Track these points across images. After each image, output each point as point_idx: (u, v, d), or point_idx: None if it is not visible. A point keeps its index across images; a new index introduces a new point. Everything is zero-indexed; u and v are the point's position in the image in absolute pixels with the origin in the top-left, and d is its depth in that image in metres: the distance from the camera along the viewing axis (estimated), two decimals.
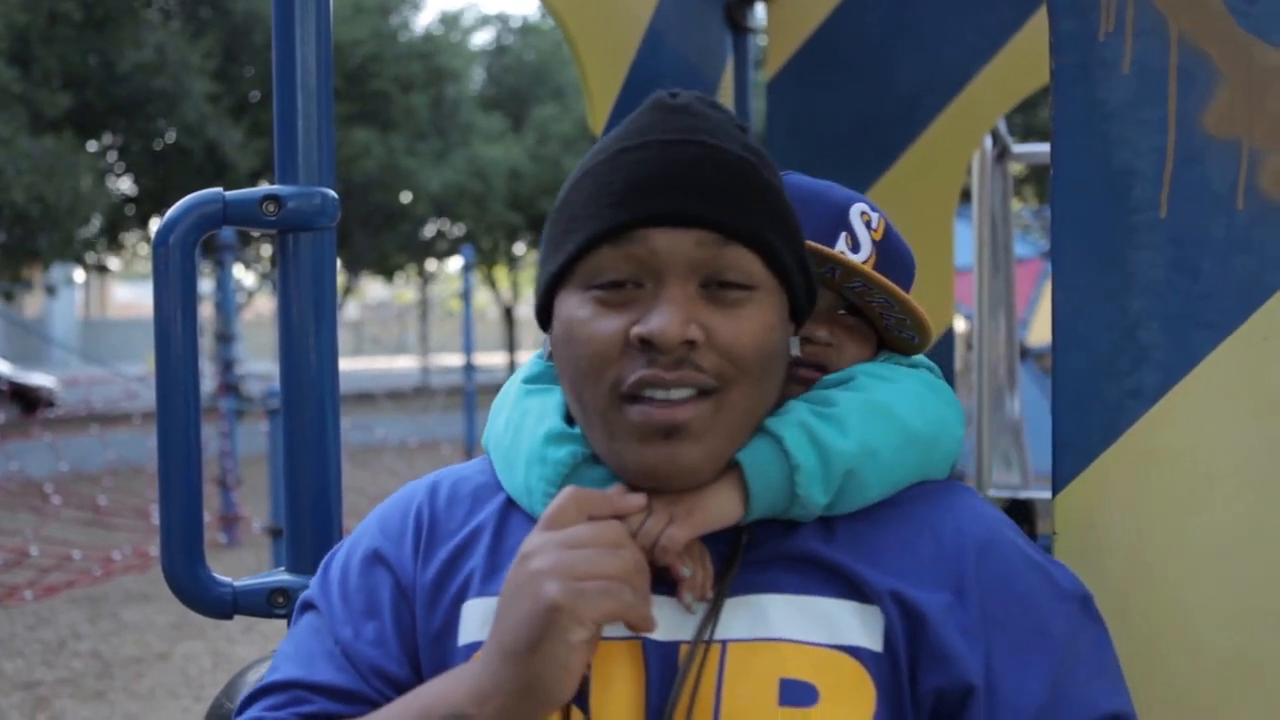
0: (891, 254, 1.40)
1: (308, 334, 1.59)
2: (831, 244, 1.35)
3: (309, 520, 1.61)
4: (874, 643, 1.13)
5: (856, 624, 1.14)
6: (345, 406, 1.61)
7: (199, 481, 1.60)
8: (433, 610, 1.22)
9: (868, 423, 1.20)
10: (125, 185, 21.33)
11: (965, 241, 3.92)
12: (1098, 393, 1.33)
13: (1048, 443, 1.38)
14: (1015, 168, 3.82)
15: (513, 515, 1.25)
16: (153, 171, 20.22)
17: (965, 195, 3.88)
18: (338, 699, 1.19)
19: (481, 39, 27.45)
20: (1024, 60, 2.65)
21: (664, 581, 1.16)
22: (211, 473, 9.51)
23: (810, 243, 1.29)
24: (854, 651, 1.13)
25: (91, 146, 19.06)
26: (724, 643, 1.13)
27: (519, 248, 28.94)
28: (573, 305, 1.16)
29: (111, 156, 20.21)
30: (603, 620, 1.05)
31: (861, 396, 1.23)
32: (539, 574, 1.06)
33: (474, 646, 1.18)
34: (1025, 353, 8.33)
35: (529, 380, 1.31)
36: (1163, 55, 1.29)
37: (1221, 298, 1.29)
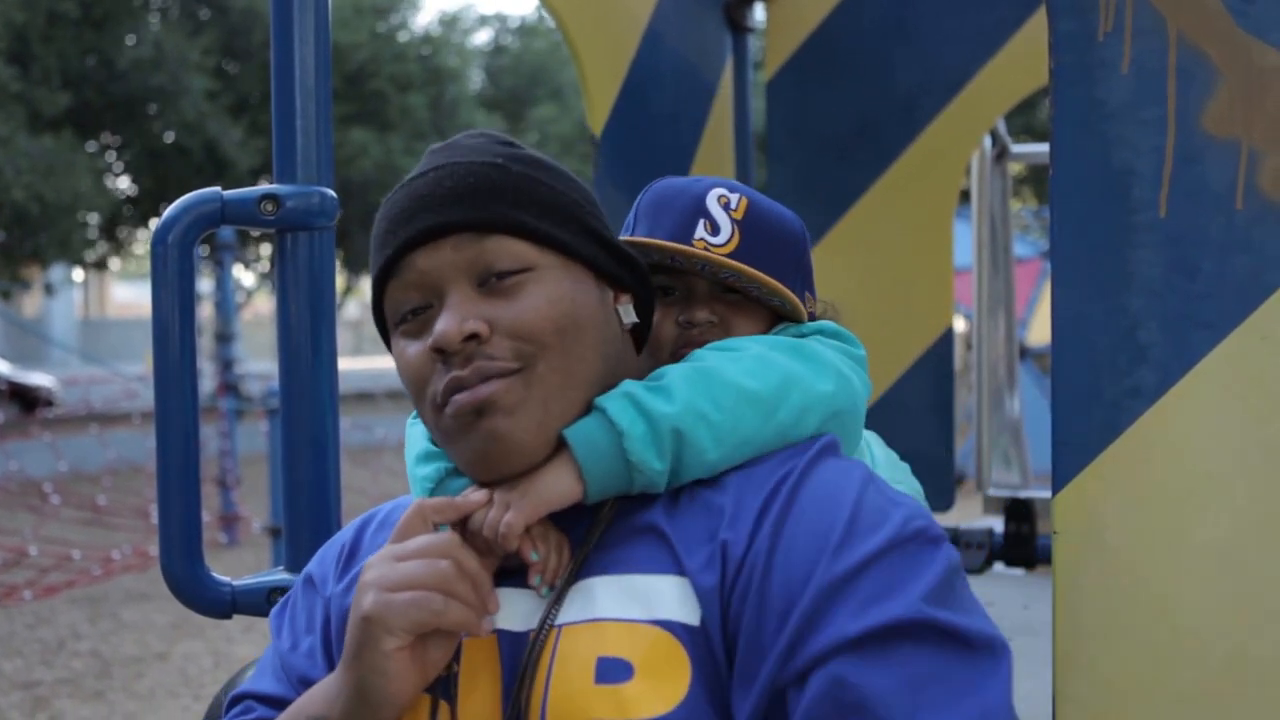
0: (759, 228, 1.45)
1: (306, 333, 1.59)
2: (690, 233, 1.42)
3: (308, 520, 1.61)
4: (690, 616, 1.14)
5: (675, 597, 1.15)
6: (345, 406, 1.61)
7: (198, 481, 1.60)
8: (343, 618, 1.29)
9: (696, 387, 1.22)
10: (124, 184, 21.33)
11: (964, 241, 3.93)
12: (1097, 392, 1.33)
13: (1047, 442, 1.38)
14: (1014, 167, 3.82)
15: None
16: (152, 170, 20.22)
17: (964, 195, 3.89)
18: (273, 706, 1.30)
19: (480, 39, 27.41)
20: (1023, 60, 2.65)
21: (517, 574, 1.21)
22: (211, 472, 9.51)
23: (662, 242, 1.39)
24: (668, 625, 1.14)
25: (91, 146, 19.05)
26: (560, 627, 1.16)
27: None
28: (395, 345, 1.26)
29: (110, 156, 20.21)
30: (411, 629, 1.13)
31: (689, 366, 1.26)
32: (363, 586, 1.15)
33: None
34: (1025, 352, 8.34)
35: (415, 415, 1.39)
36: (1162, 55, 1.29)
37: (1220, 297, 1.29)
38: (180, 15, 19.55)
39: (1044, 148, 3.67)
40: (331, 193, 1.60)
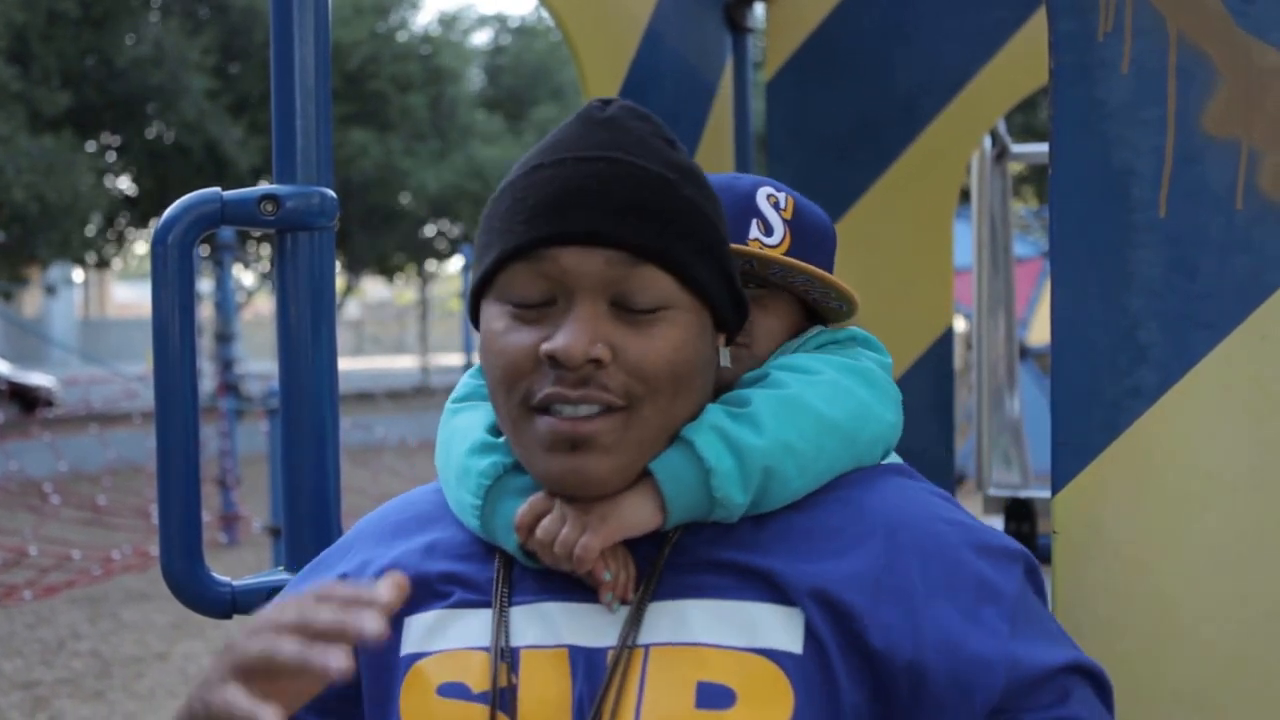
0: (806, 229, 1.42)
1: (307, 334, 1.59)
2: (744, 233, 1.37)
3: (308, 520, 1.61)
4: (793, 645, 1.13)
5: (777, 626, 1.14)
6: (345, 406, 1.61)
7: (198, 481, 1.60)
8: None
9: (782, 418, 1.20)
10: (124, 184, 21.33)
11: (965, 241, 3.93)
12: (1097, 392, 1.33)
13: (1047, 442, 1.38)
14: (1014, 167, 3.82)
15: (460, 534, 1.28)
16: (152, 170, 20.22)
17: (964, 195, 3.88)
18: None
19: (480, 39, 27.41)
20: (1023, 60, 2.65)
21: (580, 589, 1.17)
22: (211, 472, 9.51)
23: (738, 246, 1.32)
24: (771, 654, 1.12)
25: (90, 146, 19.05)
26: (646, 647, 1.14)
27: None
28: (492, 316, 1.18)
29: (111, 156, 20.21)
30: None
31: (775, 393, 1.23)
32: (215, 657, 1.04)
33: (411, 658, 1.20)
34: (1025, 352, 8.34)
35: (457, 400, 1.34)
36: (1161, 55, 1.29)
37: (1220, 297, 1.29)
38: (180, 14, 19.55)
39: (1044, 147, 3.67)
40: (331, 193, 1.60)
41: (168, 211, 1.56)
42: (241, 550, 9.45)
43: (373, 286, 43.34)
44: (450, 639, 1.20)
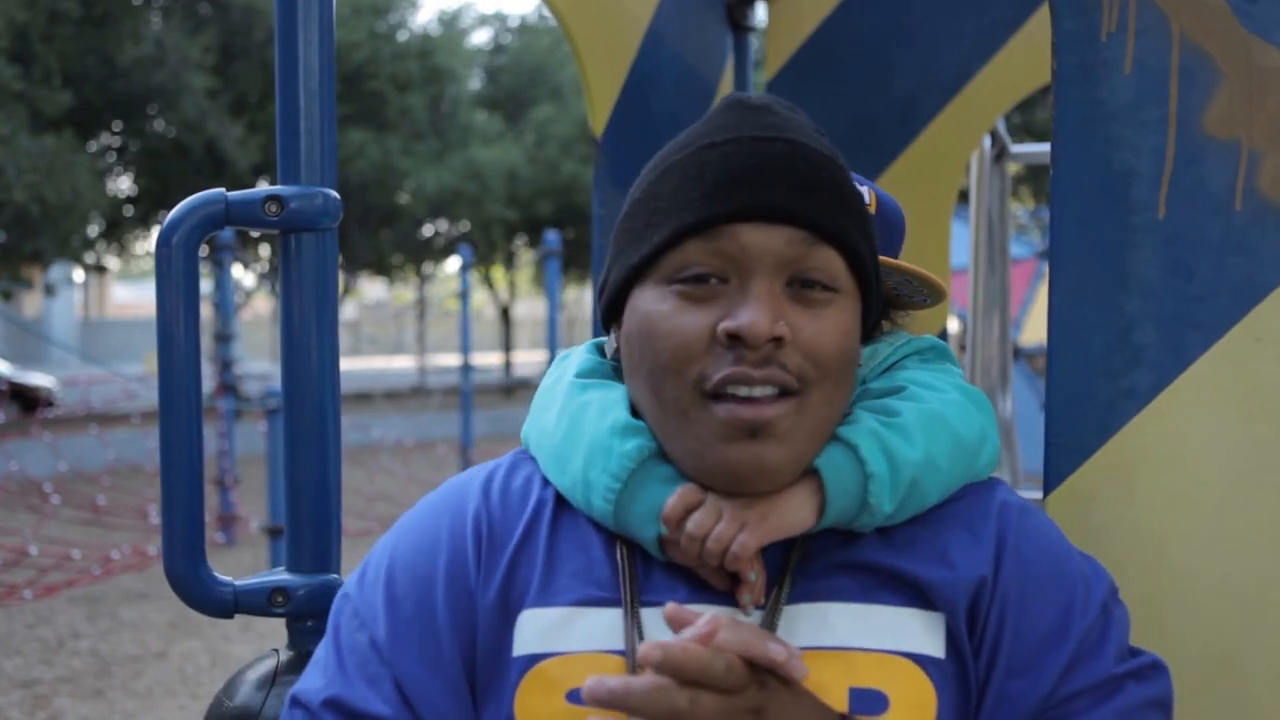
0: (890, 223, 1.42)
1: (309, 334, 1.59)
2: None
3: (310, 520, 1.61)
4: (936, 649, 1.13)
5: (919, 630, 1.13)
6: (342, 406, 1.61)
7: (200, 482, 1.60)
8: (494, 623, 1.17)
9: (929, 433, 1.20)
10: (125, 184, 21.31)
11: (961, 242, 3.93)
12: (1091, 392, 1.33)
13: (1037, 443, 1.38)
14: (1012, 168, 3.82)
15: (563, 515, 1.22)
16: (152, 170, 20.20)
17: (963, 195, 3.89)
18: None
19: (479, 39, 27.37)
20: (1023, 60, 2.65)
21: (709, 590, 1.15)
22: (210, 472, 9.50)
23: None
24: (917, 658, 1.12)
25: (91, 147, 19.03)
26: None
27: (516, 246, 28.91)
28: (652, 299, 1.14)
29: (111, 156, 20.19)
30: None
31: (921, 406, 1.22)
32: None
33: (530, 659, 1.14)
34: (1017, 353, 8.32)
35: (583, 374, 1.27)
36: (1164, 55, 1.30)
37: (1215, 299, 1.29)
38: (181, 13, 19.54)
39: (1044, 148, 3.67)
40: (335, 194, 1.60)
41: (173, 212, 1.56)
42: (239, 550, 9.44)
43: (370, 287, 43.32)
44: (575, 640, 1.14)
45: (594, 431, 1.19)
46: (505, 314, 30.62)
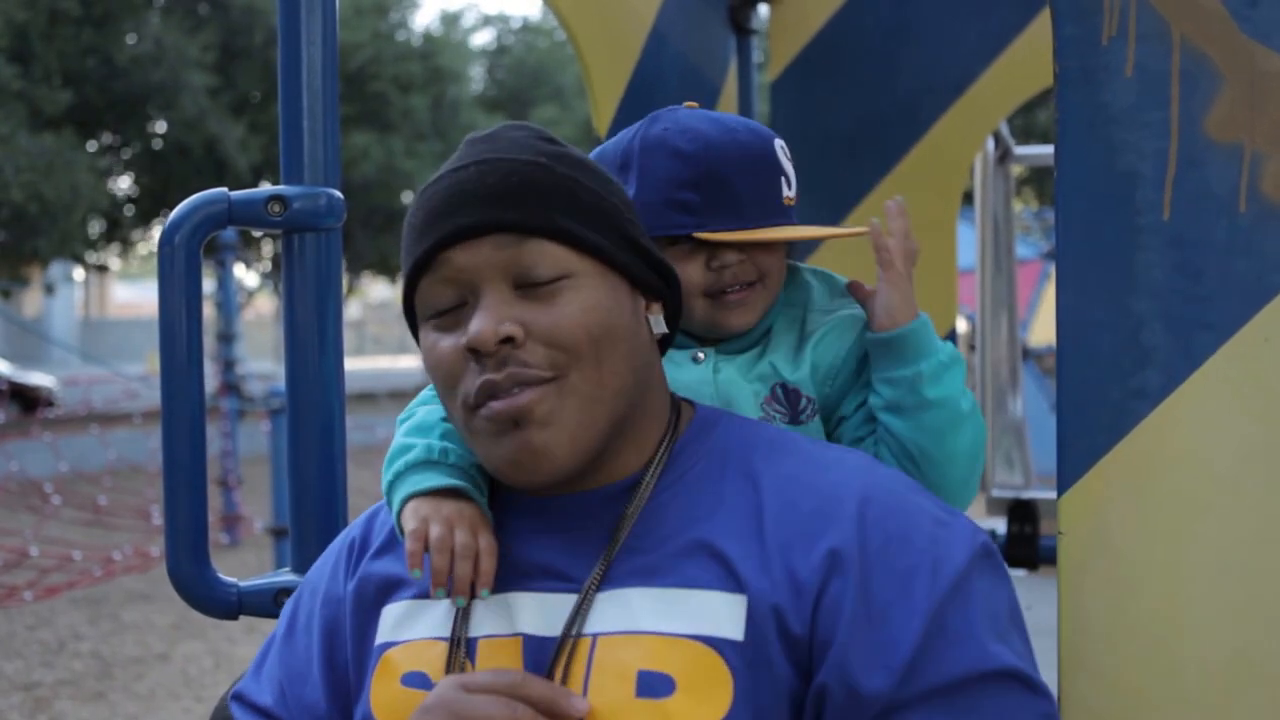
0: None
1: (313, 334, 1.60)
2: (778, 193, 1.45)
3: (314, 520, 1.62)
4: (735, 632, 1.14)
5: (722, 613, 1.15)
6: (347, 406, 1.61)
7: (204, 482, 1.60)
8: (358, 617, 1.29)
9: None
10: (125, 184, 21.32)
11: (967, 243, 3.93)
12: (1102, 394, 1.34)
13: (1049, 443, 1.39)
14: (1016, 169, 3.82)
15: None
16: (152, 170, 20.22)
17: (967, 197, 3.89)
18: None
19: (482, 39, 27.40)
20: (1026, 63, 2.65)
21: (544, 576, 1.20)
22: (213, 473, 9.49)
23: (815, 230, 1.50)
24: (711, 641, 1.14)
25: (91, 147, 19.04)
26: (594, 636, 1.16)
27: None
28: (424, 337, 1.25)
29: (111, 156, 20.20)
30: None
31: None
32: (429, 709, 1.14)
33: (385, 646, 1.25)
34: (1026, 353, 8.32)
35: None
36: (1165, 59, 1.30)
37: (1223, 300, 1.29)
38: (181, 12, 19.55)
39: (1047, 149, 3.68)
40: (338, 194, 1.60)
41: (175, 212, 1.56)
42: (243, 551, 9.45)
43: (374, 286, 43.33)
44: (417, 629, 1.24)
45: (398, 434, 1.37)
46: None
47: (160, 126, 19.44)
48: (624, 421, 1.22)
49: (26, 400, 17.56)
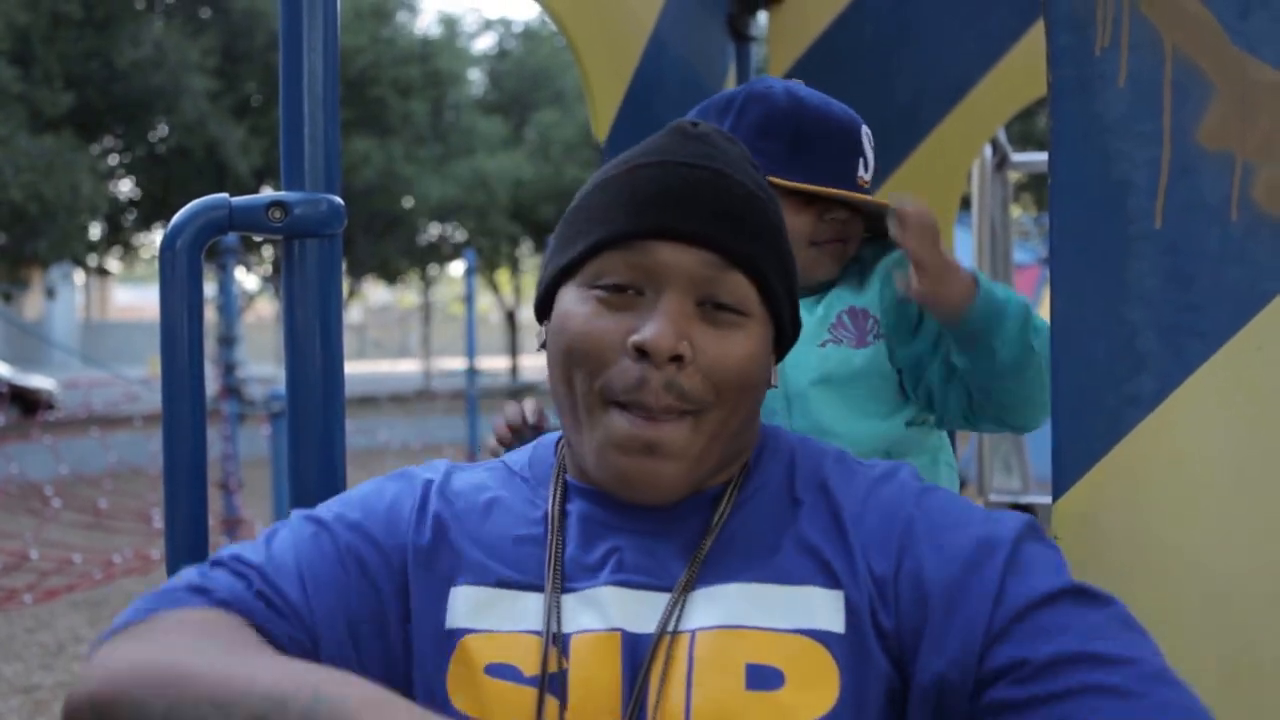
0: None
1: (313, 340, 1.60)
2: (853, 169, 1.71)
3: None
4: (837, 625, 1.15)
5: (822, 607, 1.16)
6: (348, 409, 1.62)
7: (204, 486, 1.61)
8: (422, 579, 1.22)
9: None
10: (125, 187, 21.33)
11: (965, 249, 3.94)
12: (1096, 399, 1.35)
13: (1047, 448, 1.40)
14: (1013, 175, 3.84)
15: (498, 503, 1.28)
16: (153, 173, 20.23)
17: (965, 203, 3.90)
18: (281, 615, 1.19)
19: (483, 44, 27.41)
20: (1024, 69, 2.67)
21: (634, 571, 1.19)
22: (213, 476, 9.48)
23: (851, 193, 1.68)
24: (815, 634, 1.14)
25: (92, 150, 19.05)
26: (693, 632, 1.15)
27: (522, 251, 28.93)
28: (573, 299, 1.21)
29: (112, 159, 20.22)
30: None
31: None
32: None
33: (461, 632, 1.18)
34: None
35: None
36: (1157, 69, 1.31)
37: (1216, 307, 1.30)
38: (182, 16, 19.57)
39: (1044, 156, 3.68)
40: (339, 200, 1.61)
41: (176, 217, 1.57)
42: None
43: (375, 290, 43.36)
44: (501, 620, 1.19)
45: None
46: (511, 318, 30.64)
47: (161, 130, 19.44)
48: (731, 454, 1.24)
49: (27, 403, 17.59)
